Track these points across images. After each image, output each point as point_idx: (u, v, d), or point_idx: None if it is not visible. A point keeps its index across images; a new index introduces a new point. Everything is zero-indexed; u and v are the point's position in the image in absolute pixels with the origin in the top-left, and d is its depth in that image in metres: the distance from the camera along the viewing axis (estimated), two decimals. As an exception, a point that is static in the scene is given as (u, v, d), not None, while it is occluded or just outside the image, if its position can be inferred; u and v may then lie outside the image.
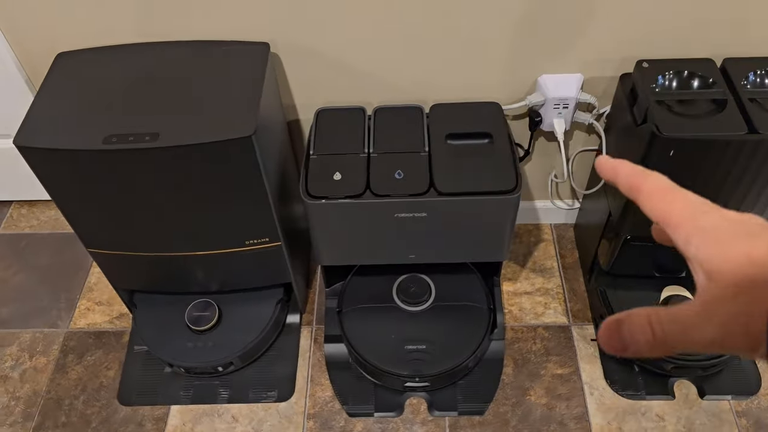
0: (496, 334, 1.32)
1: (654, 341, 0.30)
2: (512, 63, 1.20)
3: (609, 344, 0.31)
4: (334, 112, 1.21)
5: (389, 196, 1.08)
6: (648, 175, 0.35)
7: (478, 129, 1.15)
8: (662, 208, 0.33)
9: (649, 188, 0.34)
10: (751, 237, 0.30)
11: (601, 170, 0.37)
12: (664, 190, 0.34)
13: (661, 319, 0.30)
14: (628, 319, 0.31)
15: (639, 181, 0.35)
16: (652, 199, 0.34)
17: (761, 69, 1.08)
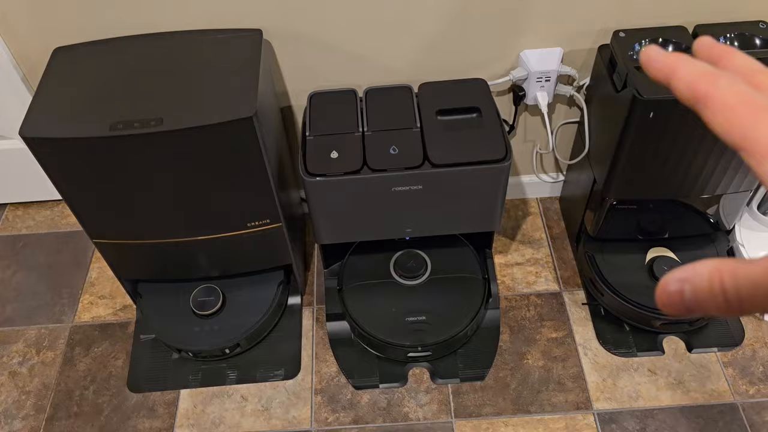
0: (491, 303, 1.37)
1: (726, 305, 0.25)
2: (495, 40, 1.25)
3: (670, 308, 0.27)
4: (326, 95, 1.25)
5: (386, 171, 1.12)
6: (719, 80, 0.26)
7: (466, 104, 1.20)
8: (743, 131, 0.25)
9: (723, 99, 0.26)
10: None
11: (649, 65, 0.29)
12: (747, 103, 0.26)
13: (736, 278, 0.25)
14: (691, 279, 0.26)
15: (707, 88, 0.26)
16: (728, 115, 0.26)
17: (730, 33, 1.14)
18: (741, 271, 0.24)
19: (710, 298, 0.25)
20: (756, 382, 1.27)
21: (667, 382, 1.28)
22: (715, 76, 0.26)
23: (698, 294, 0.26)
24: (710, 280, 0.25)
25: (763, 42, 1.13)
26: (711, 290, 0.25)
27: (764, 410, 1.23)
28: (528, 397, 1.27)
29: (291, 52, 1.25)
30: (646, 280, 1.31)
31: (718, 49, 0.30)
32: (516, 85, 1.31)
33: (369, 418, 1.26)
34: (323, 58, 1.26)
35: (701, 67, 0.27)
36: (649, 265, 1.32)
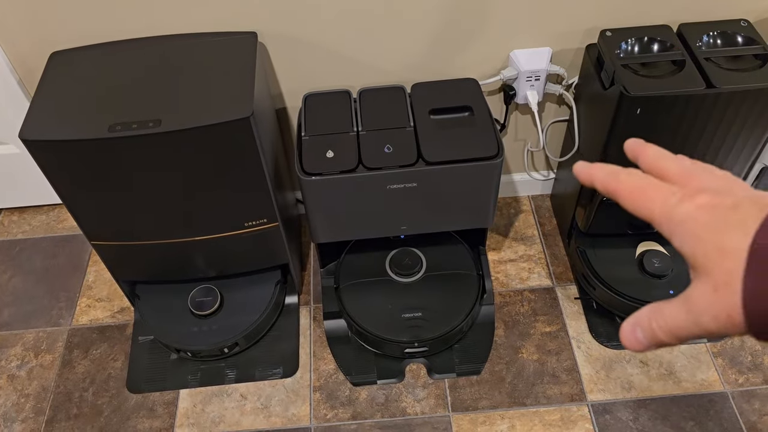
0: (486, 299, 1.39)
1: (662, 343, 0.32)
2: (485, 41, 1.28)
3: (634, 347, 0.34)
4: (321, 96, 1.27)
5: (381, 169, 1.14)
6: (620, 175, 0.35)
7: (458, 103, 1.22)
8: (643, 208, 0.34)
9: (624, 189, 0.34)
10: (725, 227, 0.30)
11: (578, 176, 0.38)
12: (639, 189, 0.34)
13: (664, 318, 0.32)
14: (639, 323, 0.34)
15: (614, 184, 0.35)
16: (631, 200, 0.34)
17: (713, 31, 1.18)
18: (665, 309, 0.32)
19: (652, 334, 0.32)
20: (745, 371, 1.30)
21: (658, 373, 1.31)
22: (616, 174, 0.35)
23: (645, 332, 0.33)
24: (649, 321, 0.33)
25: (744, 40, 1.16)
26: (651, 329, 0.33)
27: (753, 398, 1.26)
28: (523, 390, 1.30)
29: (285, 55, 1.27)
30: (637, 273, 1.34)
31: (637, 146, 0.38)
32: (506, 85, 1.34)
33: (367, 414, 1.28)
34: (317, 60, 1.28)
35: (609, 169, 0.36)
36: (639, 258, 1.35)
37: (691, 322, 0.31)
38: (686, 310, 0.31)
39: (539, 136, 1.39)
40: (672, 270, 1.32)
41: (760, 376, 1.29)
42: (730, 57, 1.14)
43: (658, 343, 0.33)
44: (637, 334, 0.33)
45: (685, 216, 0.31)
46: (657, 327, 0.32)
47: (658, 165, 0.36)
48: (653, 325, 0.32)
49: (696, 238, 0.31)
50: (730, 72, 1.11)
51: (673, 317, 0.32)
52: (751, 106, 1.11)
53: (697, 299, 0.31)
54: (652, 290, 1.32)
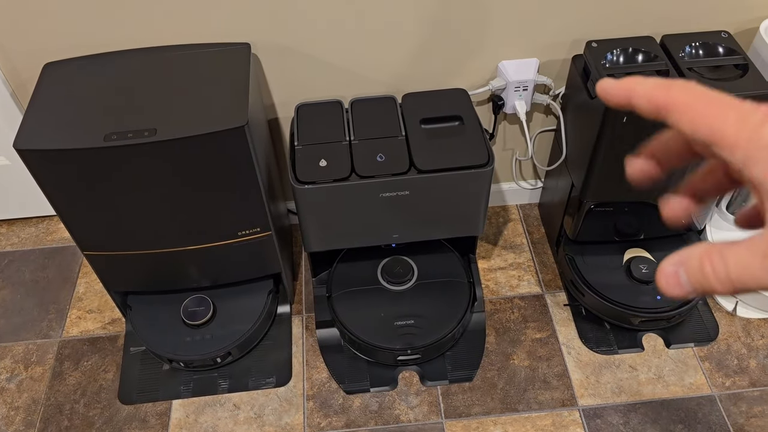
0: (476, 307, 1.41)
1: (720, 285, 0.27)
2: (474, 52, 1.30)
3: (670, 290, 0.28)
4: (313, 106, 1.28)
5: (373, 177, 1.16)
6: (674, 85, 0.28)
7: (448, 113, 1.25)
8: (709, 125, 0.27)
9: (684, 101, 0.28)
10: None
11: (608, 93, 0.31)
12: (705, 99, 0.27)
13: (725, 259, 0.26)
14: (685, 262, 0.28)
15: (666, 95, 0.28)
16: (692, 114, 0.27)
17: (695, 42, 1.21)
18: (729, 252, 0.26)
19: (703, 279, 0.27)
20: (731, 374, 1.32)
21: (647, 377, 1.33)
22: (668, 84, 0.28)
23: (692, 276, 0.27)
24: (701, 263, 0.27)
25: (725, 50, 1.20)
26: (702, 272, 0.27)
27: (740, 401, 1.28)
28: (515, 396, 1.31)
29: (278, 66, 1.29)
30: (624, 279, 1.36)
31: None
32: (495, 95, 1.37)
33: (361, 422, 1.28)
34: (310, 70, 1.30)
35: (653, 81, 0.29)
36: (626, 265, 1.38)
37: (766, 269, 0.25)
38: (762, 254, 0.25)
39: (527, 146, 1.42)
40: (659, 276, 1.35)
41: (747, 379, 1.31)
42: (711, 67, 1.18)
43: (705, 291, 0.27)
44: (680, 277, 0.28)
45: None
46: (713, 272, 0.27)
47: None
48: (707, 269, 0.27)
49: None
50: (712, 81, 1.15)
51: (742, 262, 0.26)
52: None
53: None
54: (640, 296, 1.34)
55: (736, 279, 0.26)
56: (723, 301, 1.44)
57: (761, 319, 1.41)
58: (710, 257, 0.27)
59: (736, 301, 1.42)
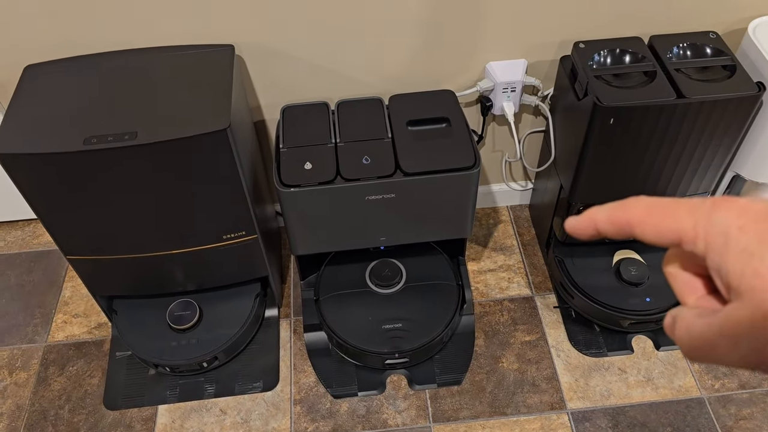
0: (465, 309, 1.40)
1: (692, 352, 0.28)
2: (462, 53, 1.29)
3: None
4: (299, 108, 1.27)
5: (359, 180, 1.15)
6: (627, 204, 0.30)
7: (435, 114, 1.24)
8: (669, 227, 0.28)
9: (637, 215, 0.30)
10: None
11: (576, 231, 0.33)
12: (658, 207, 0.29)
13: (692, 331, 0.28)
14: (676, 322, 0.29)
15: (623, 215, 0.30)
16: (650, 225, 0.29)
17: (683, 43, 1.20)
18: (694, 328, 0.28)
19: (681, 341, 0.29)
20: (720, 376, 1.31)
21: (636, 380, 1.32)
22: (622, 204, 0.30)
23: (677, 334, 0.29)
24: (670, 327, 0.30)
25: (713, 51, 1.19)
26: (672, 334, 0.29)
27: (729, 403, 1.28)
28: (504, 399, 1.30)
29: (263, 67, 1.27)
30: (614, 281, 1.36)
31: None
32: (483, 96, 1.35)
33: (348, 426, 1.27)
34: (295, 72, 1.29)
35: (608, 206, 0.31)
36: (616, 267, 1.37)
37: (730, 343, 0.26)
38: (725, 333, 0.26)
39: (516, 147, 1.41)
40: (648, 277, 1.34)
41: (736, 381, 1.31)
42: (699, 68, 1.17)
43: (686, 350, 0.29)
44: (674, 331, 0.30)
45: (726, 225, 0.26)
46: (678, 338, 0.29)
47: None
48: (675, 333, 0.29)
49: (746, 253, 0.25)
50: (700, 83, 1.14)
51: (708, 332, 0.27)
52: (720, 115, 1.13)
53: (740, 326, 0.25)
54: (629, 298, 1.33)
55: (692, 351, 0.28)
56: (713, 302, 1.43)
57: (751, 320, 1.40)
58: (681, 325, 0.29)
59: (726, 302, 1.41)
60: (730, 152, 1.22)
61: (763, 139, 1.21)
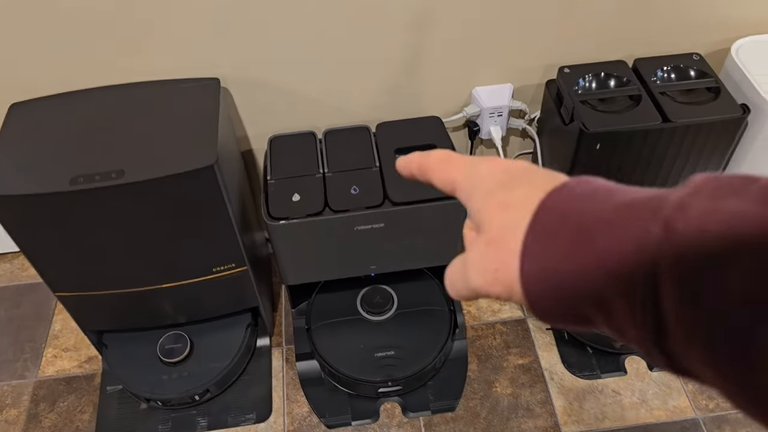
0: (458, 334, 1.40)
1: (454, 294, 0.34)
2: (448, 79, 1.29)
3: None
4: (286, 138, 1.27)
5: (348, 211, 1.14)
6: (429, 154, 0.37)
7: (422, 142, 1.24)
8: (446, 177, 0.35)
9: (432, 163, 0.36)
10: (514, 185, 0.31)
11: (403, 173, 0.38)
12: (443, 160, 0.35)
13: (450, 270, 0.34)
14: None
15: (424, 163, 0.36)
16: (437, 172, 0.35)
17: (667, 66, 1.21)
18: (452, 264, 0.34)
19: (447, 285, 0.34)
20: (715, 396, 1.31)
21: (631, 402, 1.31)
22: (428, 153, 0.37)
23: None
24: (447, 275, 0.35)
25: (697, 73, 1.19)
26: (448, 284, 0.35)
27: (724, 423, 1.27)
28: (498, 425, 1.30)
29: (249, 98, 1.27)
30: (605, 303, 1.35)
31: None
32: (470, 121, 1.36)
33: (343, 457, 1.26)
34: (282, 102, 1.29)
35: (421, 153, 0.37)
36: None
37: (461, 276, 0.32)
38: (462, 264, 0.32)
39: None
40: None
41: (730, 400, 1.30)
42: (684, 90, 1.17)
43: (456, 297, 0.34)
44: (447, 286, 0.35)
45: (483, 173, 0.33)
46: (446, 278, 0.34)
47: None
48: (448, 276, 0.34)
49: (486, 193, 0.31)
50: (685, 105, 1.14)
51: (452, 270, 0.33)
52: (706, 138, 1.14)
53: (470, 253, 0.31)
54: (621, 319, 1.33)
55: (453, 284, 0.33)
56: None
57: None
58: (449, 272, 0.34)
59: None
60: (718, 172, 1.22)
61: (748, 159, 1.22)
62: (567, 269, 0.27)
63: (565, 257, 0.27)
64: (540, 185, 0.30)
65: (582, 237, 0.27)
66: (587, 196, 0.28)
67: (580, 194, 0.29)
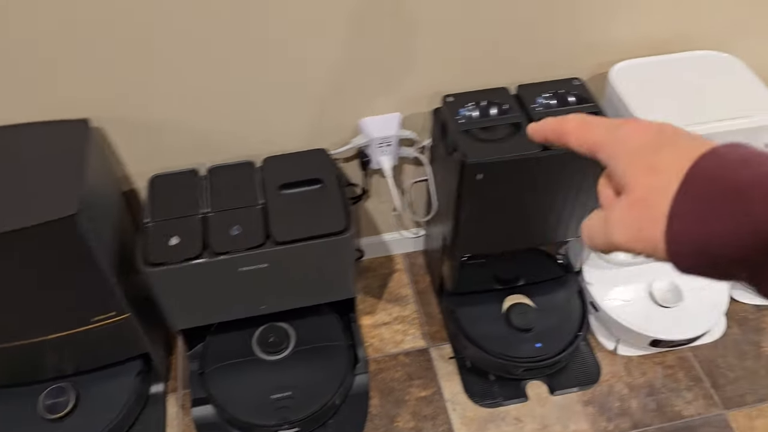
0: (358, 369, 1.37)
1: (592, 246, 0.36)
2: (335, 111, 1.27)
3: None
4: (168, 177, 1.22)
5: (228, 253, 1.10)
6: (565, 119, 0.38)
7: (308, 176, 1.21)
8: (586, 139, 0.36)
9: (569, 127, 0.37)
10: (661, 147, 0.32)
11: (535, 138, 0.40)
12: (582, 123, 0.37)
13: (590, 226, 0.36)
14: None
15: (561, 127, 0.38)
16: (575, 135, 0.37)
17: (548, 92, 1.21)
18: (590, 217, 0.36)
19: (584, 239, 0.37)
20: (613, 417, 1.32)
21: (532, 428, 1.31)
22: (564, 117, 0.38)
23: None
24: (584, 228, 0.37)
25: (577, 99, 1.20)
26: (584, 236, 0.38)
27: (622, 445, 1.28)
28: (400, 461, 1.27)
29: (127, 137, 1.22)
30: (504, 328, 1.35)
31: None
32: (361, 151, 1.33)
33: (239, 507, 1.21)
34: (162, 139, 1.24)
35: (556, 117, 0.39)
36: (506, 313, 1.36)
37: (602, 232, 0.34)
38: (603, 221, 0.34)
39: (396, 201, 1.38)
40: (538, 322, 1.34)
41: (628, 420, 1.31)
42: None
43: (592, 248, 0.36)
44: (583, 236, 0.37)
45: (627, 135, 0.34)
46: (587, 229, 0.36)
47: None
48: (585, 229, 0.37)
49: (633, 153, 0.33)
50: (564, 132, 1.14)
51: (591, 225, 0.35)
52: (584, 165, 1.14)
53: (613, 211, 0.33)
54: (520, 344, 1.33)
55: (592, 237, 0.35)
56: (604, 340, 1.44)
57: (641, 356, 1.42)
58: (587, 224, 0.36)
59: (617, 339, 1.42)
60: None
61: (631, 182, 1.23)
62: (719, 232, 0.28)
63: (717, 221, 0.29)
64: (686, 149, 0.31)
65: (737, 203, 0.28)
66: (740, 163, 0.29)
67: (732, 160, 0.30)
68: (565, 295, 1.41)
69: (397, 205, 1.37)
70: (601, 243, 0.35)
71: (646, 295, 1.40)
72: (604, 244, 0.34)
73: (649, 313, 1.37)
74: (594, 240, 0.36)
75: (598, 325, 1.46)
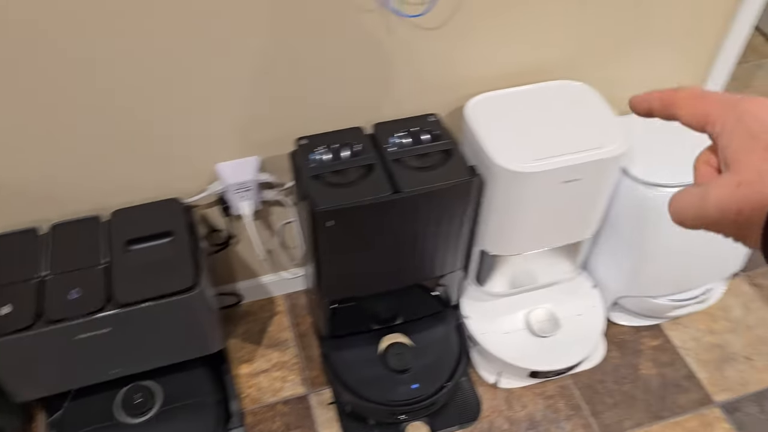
0: (232, 423, 1.30)
1: (678, 221, 0.34)
2: (188, 157, 1.21)
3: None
4: (3, 238, 1.14)
5: (64, 320, 1.03)
6: (676, 90, 0.37)
7: (157, 229, 1.15)
8: (698, 112, 0.35)
9: (680, 98, 0.36)
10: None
11: (637, 110, 0.39)
12: (695, 96, 0.36)
13: (682, 199, 0.34)
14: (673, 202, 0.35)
15: (671, 98, 0.37)
16: (686, 107, 0.36)
17: (402, 130, 1.19)
18: (683, 192, 0.34)
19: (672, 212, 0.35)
20: (495, 454, 1.30)
21: (412, 472, 1.27)
22: (675, 89, 0.37)
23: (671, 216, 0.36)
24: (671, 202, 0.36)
25: (432, 136, 1.17)
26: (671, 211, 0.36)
27: (502, 483, 1.26)
28: None
29: (-45, 198, 1.13)
30: (382, 371, 1.31)
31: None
32: (221, 197, 1.28)
33: None
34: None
35: (664, 91, 0.37)
36: (381, 355, 1.32)
37: (696, 207, 0.33)
38: (700, 196, 0.33)
39: (257, 248, 1.33)
40: (414, 362, 1.31)
41: (508, 456, 1.30)
42: (418, 155, 1.15)
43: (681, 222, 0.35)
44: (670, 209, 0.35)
45: (747, 112, 0.32)
46: (671, 207, 0.35)
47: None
48: (674, 202, 0.35)
49: (749, 135, 0.31)
50: (417, 172, 1.12)
51: (684, 198, 0.34)
52: (439, 203, 1.12)
53: (715, 188, 0.32)
54: (397, 387, 1.29)
55: (681, 212, 0.34)
56: (485, 373, 1.43)
57: (523, 387, 1.40)
58: (678, 197, 0.35)
59: (499, 372, 1.41)
60: (462, 233, 1.21)
61: (493, 217, 1.22)
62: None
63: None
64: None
65: None
66: None
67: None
68: (444, 331, 1.39)
69: (258, 251, 1.32)
70: (692, 217, 0.33)
71: (524, 326, 1.39)
72: (695, 218, 0.33)
73: (526, 344, 1.36)
74: (683, 213, 0.34)
75: (479, 358, 1.44)
